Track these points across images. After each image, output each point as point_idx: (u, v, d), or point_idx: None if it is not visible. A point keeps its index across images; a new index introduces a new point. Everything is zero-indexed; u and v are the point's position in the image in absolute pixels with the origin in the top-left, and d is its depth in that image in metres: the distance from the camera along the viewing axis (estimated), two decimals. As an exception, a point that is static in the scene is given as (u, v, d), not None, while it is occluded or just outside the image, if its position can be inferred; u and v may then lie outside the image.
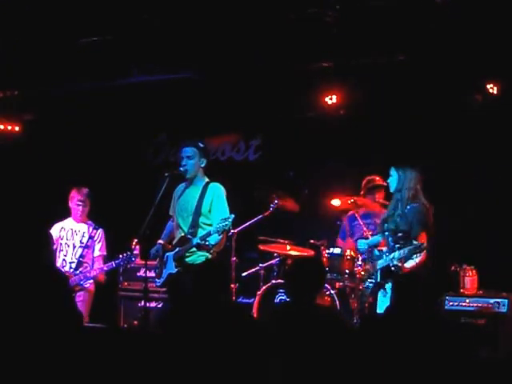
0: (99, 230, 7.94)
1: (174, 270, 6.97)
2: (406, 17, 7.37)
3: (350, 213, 8.14)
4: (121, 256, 7.62)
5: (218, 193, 7.05)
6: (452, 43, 7.40)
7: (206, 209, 6.98)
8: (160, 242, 7.25)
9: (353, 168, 8.70)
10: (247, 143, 9.99)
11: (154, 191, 7.15)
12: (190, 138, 9.47)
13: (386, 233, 6.92)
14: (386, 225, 6.96)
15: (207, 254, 6.91)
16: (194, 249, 6.91)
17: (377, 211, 8.09)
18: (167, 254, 7.11)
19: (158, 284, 7.25)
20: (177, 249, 7.02)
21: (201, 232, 6.89)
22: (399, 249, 6.65)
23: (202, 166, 7.14)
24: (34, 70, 8.90)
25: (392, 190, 7.05)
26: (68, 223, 7.95)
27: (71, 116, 10.13)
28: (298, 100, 9.11)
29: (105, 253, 7.96)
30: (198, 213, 6.98)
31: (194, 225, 6.96)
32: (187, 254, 6.94)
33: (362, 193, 8.09)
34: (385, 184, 8.05)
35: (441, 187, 7.73)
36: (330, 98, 8.78)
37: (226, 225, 6.66)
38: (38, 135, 10.40)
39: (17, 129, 10.47)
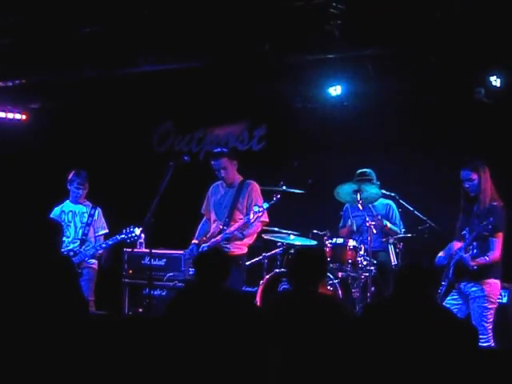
0: (97, 209, 8.02)
1: None
2: (411, 8, 7.37)
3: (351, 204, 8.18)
4: (124, 230, 7.67)
5: (252, 189, 7.34)
6: (456, 35, 7.40)
7: (241, 204, 7.28)
8: (194, 241, 7.47)
9: (356, 158, 8.73)
10: (251, 133, 10.01)
11: (158, 179, 7.20)
12: (195, 128, 9.60)
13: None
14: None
15: (244, 247, 7.28)
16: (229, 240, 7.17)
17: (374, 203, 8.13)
18: (203, 245, 7.32)
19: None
20: (212, 240, 7.24)
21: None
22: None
23: (236, 167, 7.42)
24: (40, 58, 8.91)
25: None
26: (67, 205, 8.01)
27: (78, 104, 10.17)
28: (302, 90, 9.14)
29: (107, 230, 8.03)
30: (233, 207, 7.27)
31: (229, 218, 7.25)
32: (223, 244, 7.16)
33: None
34: (370, 178, 8.03)
35: (445, 180, 7.75)
36: (334, 89, 8.80)
37: (260, 211, 6.98)
38: (44, 124, 10.44)
39: (23, 117, 10.54)
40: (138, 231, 7.64)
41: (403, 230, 8.08)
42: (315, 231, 8.24)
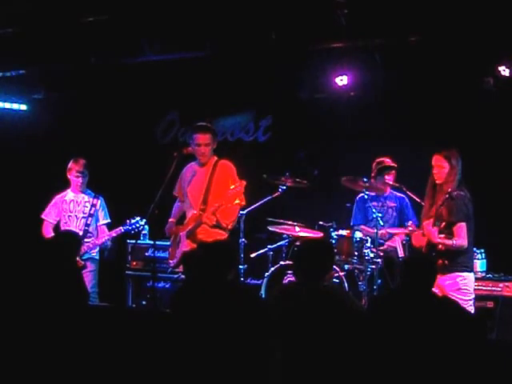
0: (100, 198, 8.00)
1: (188, 248, 6.97)
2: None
3: (361, 195, 8.13)
4: (128, 221, 7.69)
5: (227, 170, 7.15)
6: (465, 25, 7.34)
7: (215, 186, 7.07)
8: (171, 220, 7.35)
9: (362, 149, 8.68)
10: (257, 124, 9.97)
11: (162, 170, 7.17)
12: (200, 118, 9.52)
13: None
14: None
15: (220, 231, 7.01)
16: (206, 226, 6.98)
17: (386, 193, 8.10)
18: (180, 233, 7.19)
19: (172, 265, 7.30)
20: (189, 227, 7.08)
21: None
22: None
23: (215, 147, 7.25)
24: (43, 48, 8.87)
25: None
26: (68, 195, 7.99)
27: (81, 94, 10.12)
28: (308, 81, 9.08)
29: (109, 220, 8.02)
30: (208, 190, 7.08)
31: (205, 202, 7.05)
32: (199, 231, 7.01)
33: (372, 174, 8.06)
34: (395, 165, 8.05)
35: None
36: (341, 79, 8.73)
37: (237, 189, 6.76)
38: (47, 114, 10.40)
39: (26, 108, 10.49)
40: (142, 221, 7.66)
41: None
42: (321, 223, 8.19)
